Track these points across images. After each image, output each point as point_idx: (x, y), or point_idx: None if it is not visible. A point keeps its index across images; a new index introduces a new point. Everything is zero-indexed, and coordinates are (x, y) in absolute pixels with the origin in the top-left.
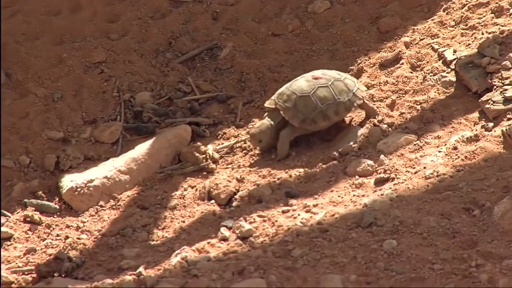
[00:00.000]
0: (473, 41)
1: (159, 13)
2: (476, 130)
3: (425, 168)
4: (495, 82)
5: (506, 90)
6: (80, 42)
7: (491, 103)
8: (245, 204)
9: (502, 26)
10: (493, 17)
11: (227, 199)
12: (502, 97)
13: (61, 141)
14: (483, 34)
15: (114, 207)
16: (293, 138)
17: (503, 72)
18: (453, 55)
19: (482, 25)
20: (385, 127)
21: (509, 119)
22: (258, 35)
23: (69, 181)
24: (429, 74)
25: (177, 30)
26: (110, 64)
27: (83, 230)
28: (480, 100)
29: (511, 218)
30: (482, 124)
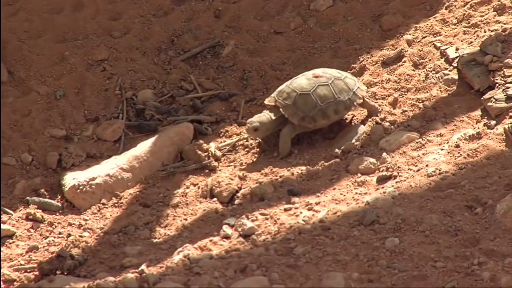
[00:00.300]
0: (475, 39)
1: (162, 11)
2: (478, 128)
3: (427, 166)
4: (497, 80)
5: (508, 88)
6: (82, 40)
7: (494, 101)
8: (247, 202)
9: (504, 24)
10: (495, 15)
11: (229, 197)
12: (504, 95)
13: (64, 139)
14: (485, 32)
15: (116, 205)
16: (294, 136)
17: (505, 70)
18: (456, 53)
19: (484, 23)
20: (387, 125)
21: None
22: (260, 33)
23: (71, 179)
24: (431, 72)
25: (180, 28)
26: (112, 62)
27: (85, 228)
28: (482, 98)
29: None
30: (484, 122)
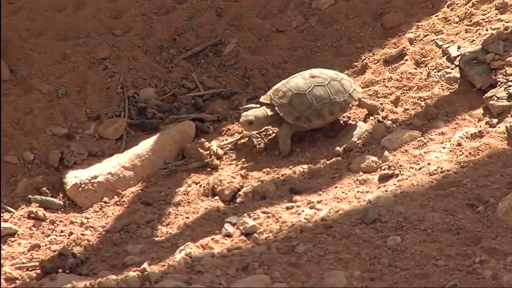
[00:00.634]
0: (477, 37)
1: (163, 9)
2: (480, 126)
3: (429, 164)
4: (499, 78)
5: (510, 86)
6: (84, 38)
7: (495, 99)
8: (249, 200)
9: (506, 22)
10: (497, 13)
11: (231, 195)
12: (506, 93)
13: (65, 137)
14: (487, 30)
15: (118, 203)
16: (292, 134)
17: (507, 68)
18: (457, 51)
19: (486, 21)
20: (389, 123)
21: None
22: (262, 31)
23: (73, 177)
24: (433, 70)
25: (181, 26)
26: (114, 60)
27: (87, 226)
28: (484, 96)
29: None
30: (486, 120)
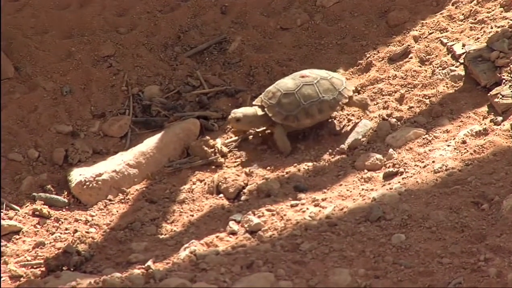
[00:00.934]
0: (482, 35)
1: (168, 7)
2: (485, 124)
3: (433, 162)
4: (504, 76)
5: None
6: (88, 36)
7: (500, 97)
8: (254, 198)
9: (511, 20)
10: (502, 11)
11: (236, 193)
12: (511, 91)
13: (70, 135)
14: (492, 28)
15: (122, 201)
16: (286, 133)
17: None
18: (462, 49)
19: (491, 19)
20: (393, 121)
21: None
22: (266, 29)
23: (77, 175)
24: (438, 68)
25: (186, 24)
26: (118, 58)
27: (92, 224)
28: (489, 94)
29: None
30: (491, 118)
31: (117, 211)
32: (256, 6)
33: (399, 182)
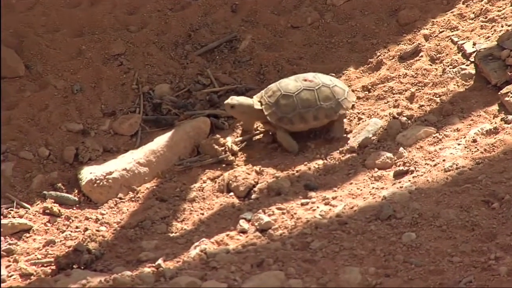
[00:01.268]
0: (492, 34)
1: (179, 5)
2: (495, 122)
3: (444, 160)
4: None
5: None
6: (99, 34)
7: (511, 95)
8: (264, 196)
9: None
10: None
11: (246, 192)
12: None
13: (80, 133)
14: (502, 26)
15: (133, 199)
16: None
17: None
18: (473, 47)
19: (501, 18)
20: (404, 119)
21: None
22: (277, 28)
23: (88, 173)
24: (448, 66)
25: (197, 22)
26: (129, 56)
27: (102, 222)
28: (499, 92)
29: None
30: (501, 116)
31: (128, 210)
32: (266, 4)
33: (409, 180)
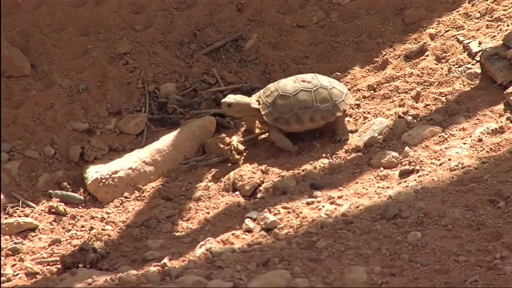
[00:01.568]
0: (498, 33)
1: (184, 4)
2: (501, 122)
3: (450, 160)
4: None
5: None
6: (105, 33)
7: None
8: (270, 195)
9: None
10: None
11: (252, 191)
12: None
13: (86, 132)
14: (508, 26)
15: (138, 198)
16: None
17: None
18: (478, 47)
19: (507, 17)
20: (410, 118)
21: None
22: (282, 27)
23: (94, 172)
24: (454, 66)
25: (202, 21)
26: (135, 55)
27: (108, 221)
28: (505, 92)
29: None
30: (507, 116)
31: (133, 209)
32: (272, 3)
33: (415, 180)
